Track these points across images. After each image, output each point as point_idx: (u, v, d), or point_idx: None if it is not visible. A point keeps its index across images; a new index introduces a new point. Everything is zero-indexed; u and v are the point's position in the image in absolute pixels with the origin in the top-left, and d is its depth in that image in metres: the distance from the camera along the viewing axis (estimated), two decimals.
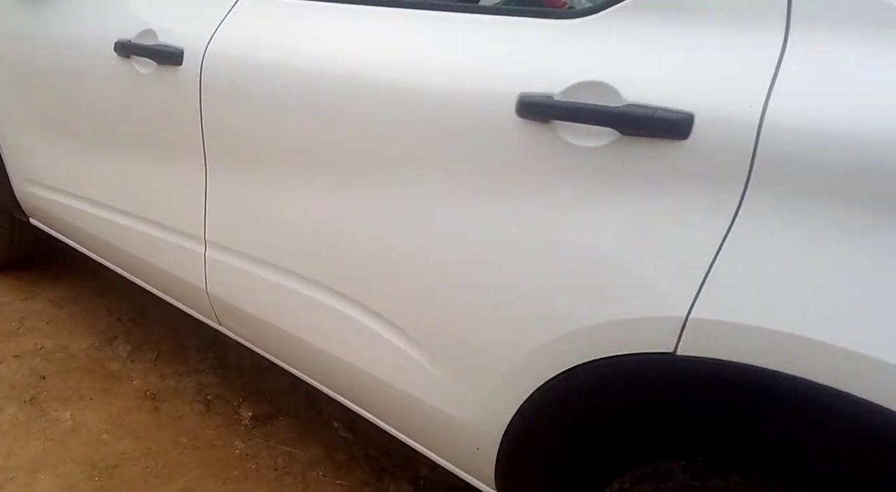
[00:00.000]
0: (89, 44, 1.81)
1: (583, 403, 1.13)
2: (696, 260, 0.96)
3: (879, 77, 0.86)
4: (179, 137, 1.62)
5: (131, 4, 1.78)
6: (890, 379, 0.83)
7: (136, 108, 1.73)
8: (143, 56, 1.65)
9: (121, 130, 1.82)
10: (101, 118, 1.86)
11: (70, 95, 1.94)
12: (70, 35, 1.89)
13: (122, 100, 1.76)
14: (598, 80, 1.03)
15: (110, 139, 1.87)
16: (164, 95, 1.62)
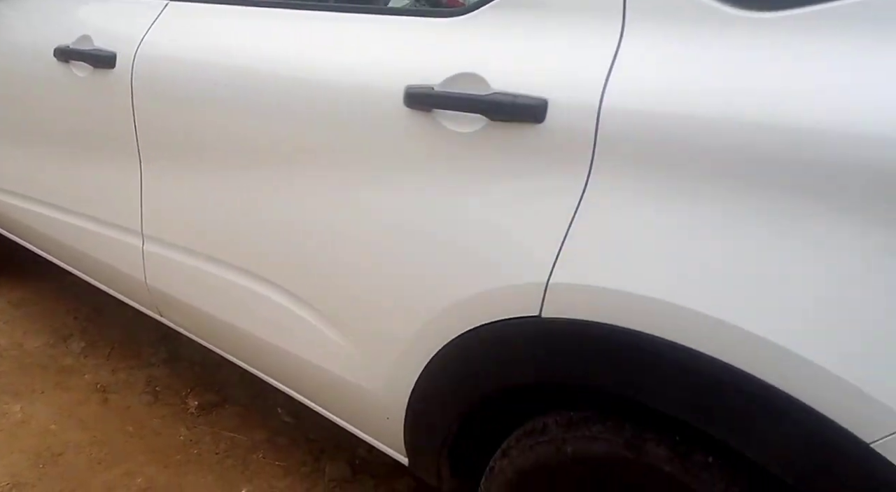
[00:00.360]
0: (32, 50, 1.90)
1: (470, 368, 1.23)
2: (553, 231, 1.07)
3: (701, 63, 0.98)
4: (115, 136, 1.71)
5: (71, 13, 1.88)
6: (712, 330, 0.95)
7: (76, 110, 1.83)
8: (80, 60, 1.75)
9: (63, 131, 1.91)
10: (45, 121, 1.96)
11: (15, 99, 2.03)
12: (14, 42, 1.98)
13: (63, 102, 1.86)
14: (471, 71, 1.14)
15: (54, 140, 1.96)
16: (100, 97, 1.71)
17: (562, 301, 1.07)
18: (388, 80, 1.22)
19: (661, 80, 0.99)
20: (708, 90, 0.96)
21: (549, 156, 1.07)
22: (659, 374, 1.00)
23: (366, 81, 1.26)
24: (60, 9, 1.90)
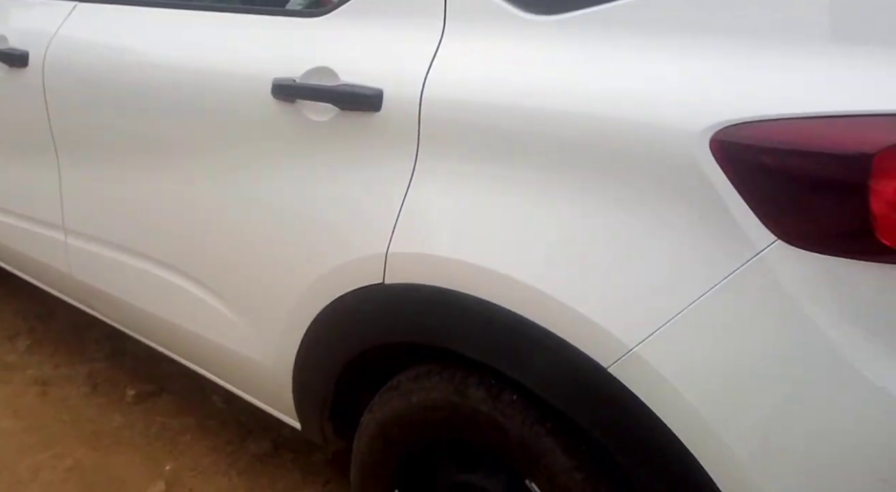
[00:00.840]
0: None
1: (336, 335, 1.36)
2: (390, 208, 1.22)
3: (499, 59, 1.13)
4: (34, 134, 1.85)
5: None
6: (511, 288, 1.09)
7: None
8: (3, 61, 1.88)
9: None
10: None
11: None
12: None
13: None
14: (324, 65, 1.28)
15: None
16: (17, 95, 1.85)
17: (399, 268, 1.22)
18: (259, 74, 1.36)
19: (468, 74, 1.15)
20: (503, 82, 1.11)
21: (385, 140, 1.22)
22: (467, 325, 1.15)
23: (241, 76, 1.41)
24: None
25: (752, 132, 0.92)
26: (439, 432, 1.32)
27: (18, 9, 1.95)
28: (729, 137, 0.93)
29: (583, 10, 1.07)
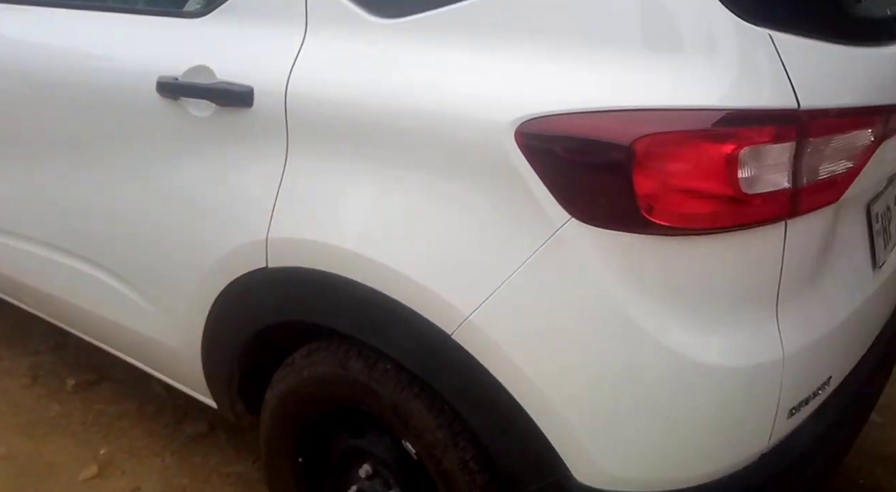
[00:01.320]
0: None
1: (232, 317, 1.46)
2: (267, 196, 1.31)
3: (352, 58, 1.22)
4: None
5: None
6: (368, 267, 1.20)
7: None
8: None
9: None
10: None
11: None
12: None
13: None
14: (203, 64, 1.36)
15: None
16: None
17: (279, 253, 1.32)
18: (145, 72, 1.44)
19: (325, 73, 1.25)
20: (352, 80, 1.22)
21: (259, 134, 1.31)
22: (338, 302, 1.26)
23: (128, 73, 1.49)
24: None
25: (547, 125, 1.03)
26: (329, 402, 1.43)
27: None
28: (530, 129, 1.04)
29: (420, 14, 1.17)
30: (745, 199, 1.02)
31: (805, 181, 1.05)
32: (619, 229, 1.04)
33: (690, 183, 1.00)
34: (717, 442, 1.15)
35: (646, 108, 0.99)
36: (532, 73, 1.07)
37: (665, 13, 1.02)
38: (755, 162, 1.00)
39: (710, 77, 0.99)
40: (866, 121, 1.11)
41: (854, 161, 1.11)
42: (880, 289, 1.39)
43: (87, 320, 1.89)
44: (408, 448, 1.34)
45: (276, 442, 1.54)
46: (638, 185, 1.00)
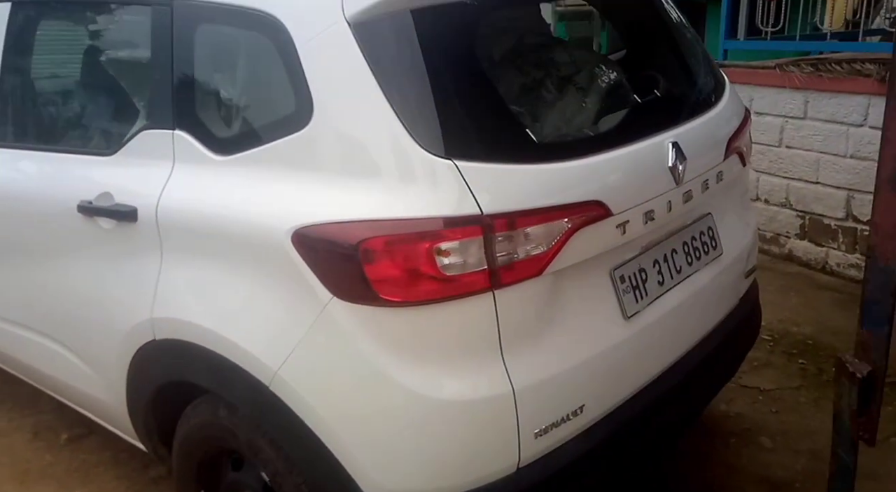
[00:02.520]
0: None
1: (139, 377, 1.90)
2: (150, 286, 1.76)
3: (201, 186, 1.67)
4: None
5: None
6: (213, 337, 1.63)
7: None
8: None
9: None
10: None
11: None
12: None
13: None
14: (107, 191, 1.83)
15: None
16: None
17: (160, 328, 1.76)
18: (69, 197, 1.92)
19: (182, 196, 1.70)
20: (198, 201, 1.67)
21: (143, 242, 1.77)
22: (198, 364, 1.70)
23: (57, 198, 1.98)
24: None
25: (310, 231, 1.44)
26: (211, 443, 1.85)
27: None
28: (300, 233, 1.45)
29: (240, 154, 1.62)
30: (448, 279, 1.39)
31: (499, 263, 1.42)
32: (367, 303, 1.43)
33: (403, 270, 1.39)
34: (467, 459, 1.50)
35: (365, 219, 1.40)
36: (305, 194, 1.49)
37: (386, 157, 1.44)
38: (450, 253, 1.38)
39: (413, 197, 1.40)
40: (550, 216, 1.47)
41: (548, 245, 1.47)
42: (637, 334, 1.72)
43: (48, 381, 2.40)
44: (264, 478, 1.73)
45: (181, 476, 1.96)
46: (367, 272, 1.39)
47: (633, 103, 1.88)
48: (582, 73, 1.89)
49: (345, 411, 1.50)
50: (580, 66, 1.93)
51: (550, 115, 1.74)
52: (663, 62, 2.10)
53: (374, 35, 1.46)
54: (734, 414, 2.83)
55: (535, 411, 1.53)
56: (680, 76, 2.09)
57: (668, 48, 2.16)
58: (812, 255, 4.21)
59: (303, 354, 1.50)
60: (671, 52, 2.15)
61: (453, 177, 1.40)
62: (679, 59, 2.14)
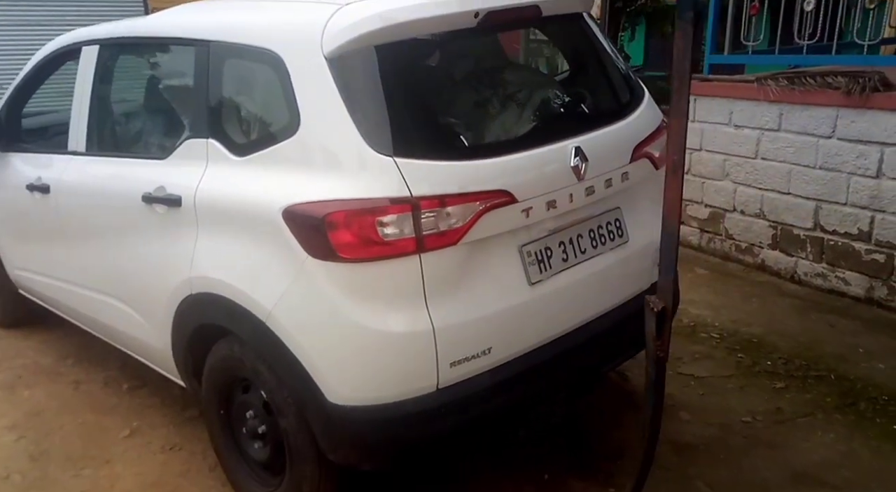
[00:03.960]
0: (17, 183, 3.39)
1: (183, 323, 2.55)
2: (189, 253, 2.41)
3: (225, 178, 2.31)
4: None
5: (30, 164, 3.37)
6: (229, 287, 2.25)
7: (41, 219, 3.30)
8: (36, 190, 3.22)
9: (45, 234, 3.38)
10: (29, 226, 3.45)
11: (15, 215, 3.55)
12: (10, 179, 3.49)
13: (34, 215, 3.34)
14: (161, 184, 2.50)
15: (43, 241, 3.43)
16: (43, 216, 3.22)
17: (196, 284, 2.41)
18: (135, 190, 2.61)
19: (216, 186, 2.33)
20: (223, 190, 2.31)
21: (185, 222, 2.44)
22: (219, 309, 2.33)
23: (128, 192, 2.66)
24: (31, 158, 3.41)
25: (294, 209, 2.07)
26: (227, 373, 2.48)
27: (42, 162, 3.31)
28: (287, 210, 2.07)
29: (251, 155, 2.26)
30: (387, 243, 1.99)
31: (424, 233, 2.00)
32: (331, 261, 2.03)
33: (355, 236, 1.99)
34: (400, 377, 2.09)
35: (330, 199, 2.01)
36: (292, 183, 2.11)
37: (347, 156, 2.06)
38: (388, 224, 1.97)
39: (363, 184, 2.01)
40: (465, 199, 2.04)
41: (463, 221, 2.05)
42: (539, 297, 2.27)
43: (112, 333, 3.11)
44: (263, 396, 2.34)
45: (208, 400, 2.60)
46: (331, 238, 1.99)
47: (549, 115, 2.44)
48: (513, 91, 2.47)
49: (315, 339, 2.11)
50: (516, 85, 2.50)
51: (477, 125, 2.33)
52: (586, 81, 2.68)
53: (343, 67, 2.08)
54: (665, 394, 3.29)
55: (451, 346, 2.10)
56: (597, 93, 2.63)
57: (594, 70, 2.72)
58: (782, 264, 4.59)
59: (288, 297, 2.11)
60: (596, 74, 2.72)
61: (393, 170, 2.00)
62: (599, 79, 2.70)
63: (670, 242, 1.81)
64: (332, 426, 2.14)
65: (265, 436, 2.45)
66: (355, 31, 2.07)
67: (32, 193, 3.26)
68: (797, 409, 3.10)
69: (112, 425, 3.21)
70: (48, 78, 3.48)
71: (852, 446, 2.82)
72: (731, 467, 2.74)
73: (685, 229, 5.26)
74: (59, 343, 4.06)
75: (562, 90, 2.56)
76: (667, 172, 1.83)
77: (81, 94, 3.04)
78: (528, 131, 2.32)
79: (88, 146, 3.02)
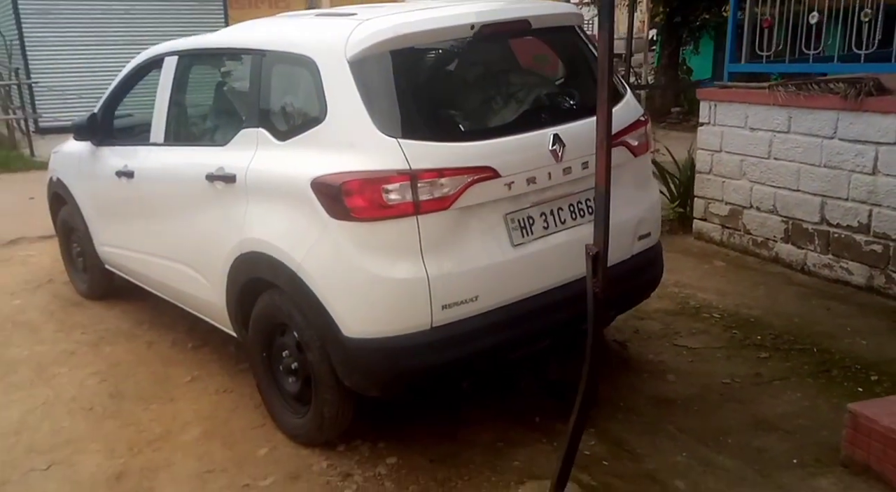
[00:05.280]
0: (108, 172, 4.06)
1: (235, 279, 3.09)
2: (241, 220, 2.97)
3: (271, 159, 2.86)
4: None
5: (119, 155, 4.02)
6: (273, 247, 2.78)
7: (126, 200, 3.95)
8: (123, 176, 3.86)
9: (128, 213, 4.03)
10: (115, 207, 4.11)
11: (105, 199, 4.22)
12: (103, 169, 4.16)
13: (120, 197, 3.99)
14: (221, 165, 3.07)
15: (126, 219, 4.09)
16: (129, 197, 3.84)
17: (246, 245, 2.96)
18: (201, 171, 3.18)
19: (263, 165, 2.88)
20: (268, 169, 2.86)
21: (238, 195, 3.00)
22: (265, 265, 2.87)
23: (194, 173, 3.24)
24: (118, 152, 4.07)
25: (319, 180, 2.59)
26: (269, 319, 3.02)
27: (128, 153, 3.97)
28: (314, 181, 2.60)
29: (290, 139, 2.80)
30: (391, 206, 2.48)
31: (420, 198, 2.48)
32: (346, 220, 2.53)
33: (366, 201, 2.48)
34: (401, 315, 2.57)
35: (347, 171, 2.52)
36: (319, 160, 2.64)
37: (361, 138, 2.57)
38: (391, 191, 2.46)
39: (373, 160, 2.51)
40: (455, 172, 2.52)
41: (453, 190, 2.52)
42: (521, 257, 2.72)
43: (179, 295, 3.72)
44: (296, 337, 2.85)
45: (253, 345, 3.14)
46: (346, 202, 2.50)
47: (534, 108, 2.89)
48: (505, 88, 2.94)
49: (334, 284, 2.61)
50: (508, 83, 2.98)
51: (470, 115, 2.81)
52: (573, 81, 3.14)
53: (360, 68, 2.60)
54: (657, 361, 3.69)
55: (442, 291, 2.57)
56: (580, 91, 3.07)
57: (580, 72, 3.19)
58: (794, 257, 4.88)
59: (314, 251, 2.63)
60: (581, 75, 3.18)
61: (397, 149, 2.51)
62: (584, 80, 3.15)
63: (601, 202, 2.21)
64: (346, 356, 2.64)
65: (297, 371, 2.97)
66: (370, 41, 2.60)
67: (120, 178, 3.91)
68: (775, 374, 3.43)
69: (177, 373, 3.81)
70: (137, 84, 4.16)
71: (815, 403, 3.15)
72: (702, 417, 3.11)
73: (708, 226, 5.59)
74: (136, 312, 4.71)
75: (549, 88, 3.01)
76: (597, 149, 2.25)
77: (162, 95, 3.67)
78: (513, 120, 2.79)
79: (166, 138, 3.65)
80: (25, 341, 4.29)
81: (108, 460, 3.06)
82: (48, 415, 3.44)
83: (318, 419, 2.90)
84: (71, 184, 4.61)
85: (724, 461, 2.82)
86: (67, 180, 4.64)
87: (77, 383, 3.74)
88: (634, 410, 3.18)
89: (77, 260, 4.93)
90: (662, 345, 3.83)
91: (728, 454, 2.86)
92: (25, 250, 6.12)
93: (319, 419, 2.89)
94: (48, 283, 5.28)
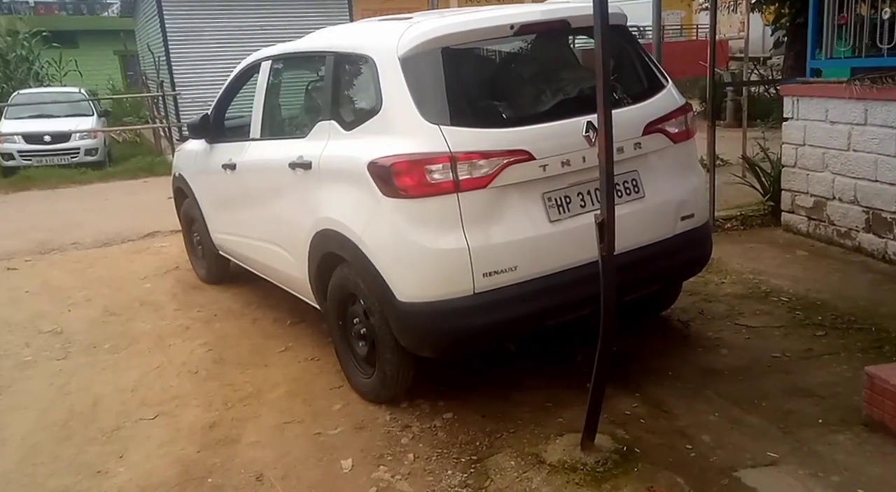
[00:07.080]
0: (217, 166, 4.66)
1: (314, 254, 3.54)
2: (317, 201, 3.43)
3: (341, 146, 3.29)
4: (239, 201, 4.36)
5: (225, 151, 4.61)
6: (342, 225, 3.21)
7: (230, 190, 4.53)
8: (228, 168, 4.44)
9: (233, 201, 4.62)
10: (223, 197, 4.71)
11: (216, 189, 4.84)
12: (213, 163, 4.77)
13: (226, 187, 4.58)
14: (301, 154, 3.54)
15: (232, 207, 4.68)
16: (231, 185, 4.41)
17: (321, 223, 3.41)
18: (285, 160, 3.67)
19: (333, 152, 3.32)
20: (338, 155, 3.29)
21: (314, 180, 3.46)
22: (337, 241, 3.31)
23: (279, 162, 3.73)
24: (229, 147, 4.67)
25: (373, 163, 2.99)
26: (342, 290, 3.44)
27: (233, 148, 4.54)
28: (371, 164, 3.00)
29: (354, 129, 3.22)
30: (434, 185, 2.82)
31: (461, 178, 2.81)
32: (397, 198, 2.90)
33: (412, 180, 2.84)
34: (446, 281, 2.90)
35: (396, 154, 2.88)
36: (374, 146, 3.03)
37: (409, 126, 2.93)
38: (434, 171, 2.80)
39: (419, 144, 2.87)
40: (492, 155, 2.82)
41: (491, 170, 2.82)
42: (558, 232, 2.97)
43: (273, 273, 4.24)
44: (363, 304, 3.25)
45: (330, 314, 3.57)
46: (396, 181, 2.87)
47: (571, 98, 3.14)
48: (549, 82, 3.21)
49: (388, 254, 2.99)
50: (553, 78, 3.24)
51: (510, 105, 3.11)
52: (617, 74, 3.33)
53: (409, 65, 2.98)
54: (714, 338, 3.81)
55: (483, 261, 2.88)
56: (622, 83, 3.31)
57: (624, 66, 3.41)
58: (875, 246, 4.79)
59: (371, 226, 3.03)
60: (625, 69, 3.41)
61: (439, 135, 2.85)
62: (627, 73, 3.38)
63: (605, 177, 2.44)
64: (400, 319, 3.00)
65: (365, 336, 3.37)
66: (418, 40, 2.97)
67: (225, 170, 4.49)
68: (826, 349, 3.48)
69: (274, 345, 4.33)
70: (242, 87, 4.74)
71: (858, 374, 3.16)
72: (743, 385, 3.24)
73: (795, 218, 5.53)
74: (246, 294, 5.32)
75: (587, 81, 3.25)
76: (598, 135, 2.49)
77: (259, 95, 4.22)
78: (549, 109, 3.07)
79: (261, 133, 4.19)
80: (149, 318, 4.98)
81: (205, 413, 3.57)
82: (160, 376, 4.03)
83: (381, 377, 3.29)
84: (190, 178, 5.28)
85: (753, 420, 2.96)
86: (187, 175, 5.32)
87: (188, 351, 4.34)
88: (681, 378, 3.34)
89: (197, 248, 5.62)
90: (724, 324, 3.92)
91: (758, 415, 2.99)
92: (159, 242, 7.02)
93: (382, 377, 3.28)
94: (175, 269, 6.04)
